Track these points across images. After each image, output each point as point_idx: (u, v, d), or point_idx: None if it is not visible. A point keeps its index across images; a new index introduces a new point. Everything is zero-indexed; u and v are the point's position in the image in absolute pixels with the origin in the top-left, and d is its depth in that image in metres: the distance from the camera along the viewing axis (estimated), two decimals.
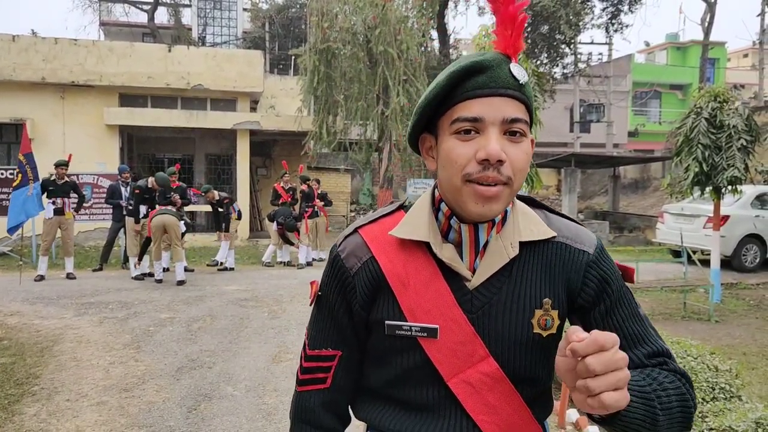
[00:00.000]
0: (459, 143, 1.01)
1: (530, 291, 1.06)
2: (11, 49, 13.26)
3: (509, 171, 0.99)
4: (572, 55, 22.94)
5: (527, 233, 1.08)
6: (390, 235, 1.09)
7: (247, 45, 24.52)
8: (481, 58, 1.01)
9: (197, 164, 16.57)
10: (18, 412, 4.18)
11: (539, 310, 1.06)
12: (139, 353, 5.62)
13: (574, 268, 1.08)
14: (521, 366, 1.06)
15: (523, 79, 1.01)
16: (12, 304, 7.67)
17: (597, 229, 15.45)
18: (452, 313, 1.05)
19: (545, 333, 1.07)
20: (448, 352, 1.05)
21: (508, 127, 1.00)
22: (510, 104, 1.00)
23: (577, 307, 1.09)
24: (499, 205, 1.01)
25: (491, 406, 1.05)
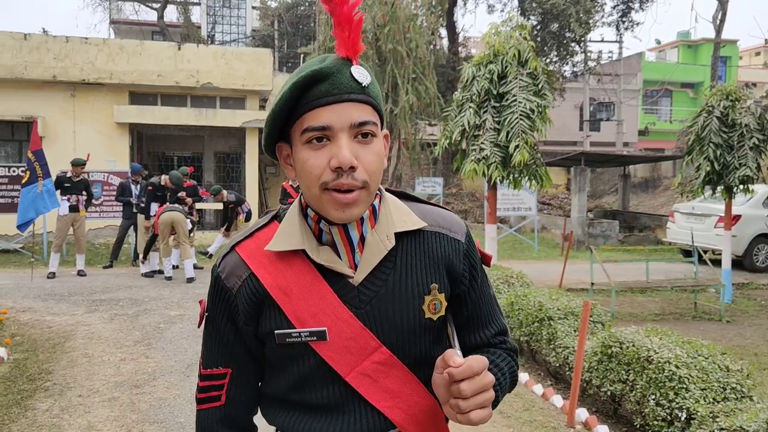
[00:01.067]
0: (312, 153, 1.03)
1: (417, 278, 1.10)
2: (23, 47, 13.36)
3: (363, 175, 1.02)
4: (582, 54, 22.85)
5: (401, 224, 1.11)
6: (267, 250, 1.10)
7: (256, 43, 24.58)
8: (319, 66, 1.02)
9: (206, 162, 16.65)
10: (31, 408, 4.22)
11: (428, 296, 1.10)
12: (149, 350, 5.66)
13: (453, 255, 1.14)
14: (417, 351, 1.11)
15: (365, 81, 1.03)
16: (24, 300, 7.74)
17: (606, 229, 15.40)
18: (338, 312, 1.07)
19: (435, 317, 1.12)
20: (340, 350, 1.07)
21: (358, 131, 1.02)
22: (356, 108, 1.02)
23: (456, 293, 1.16)
24: (359, 209, 1.04)
25: (391, 391, 1.09)
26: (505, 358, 1.21)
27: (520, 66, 7.85)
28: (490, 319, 1.23)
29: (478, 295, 1.20)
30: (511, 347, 1.25)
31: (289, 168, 1.12)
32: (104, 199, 12.22)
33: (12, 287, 8.53)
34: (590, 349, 4.38)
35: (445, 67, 20.02)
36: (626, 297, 8.85)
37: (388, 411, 1.09)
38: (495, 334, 1.23)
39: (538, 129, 7.70)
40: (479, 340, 1.22)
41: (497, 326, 1.24)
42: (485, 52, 8.22)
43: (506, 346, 1.24)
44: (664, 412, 3.55)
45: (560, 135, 27.78)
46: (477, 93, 7.89)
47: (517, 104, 7.60)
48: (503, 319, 1.26)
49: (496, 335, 1.24)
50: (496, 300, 1.26)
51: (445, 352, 1.01)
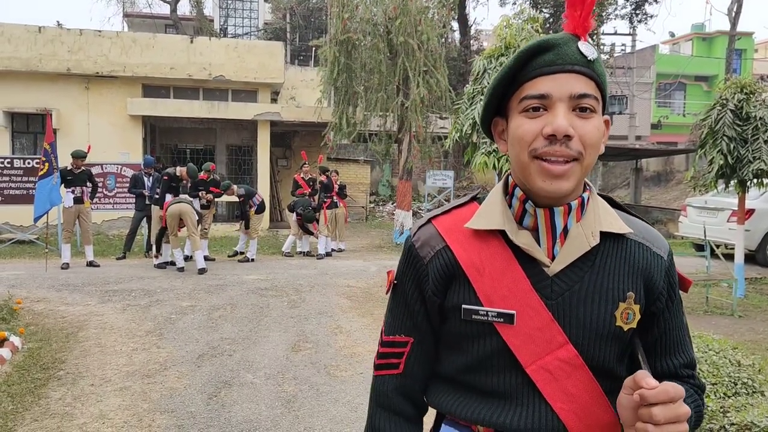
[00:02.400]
0: (526, 120, 1.01)
1: (614, 283, 1.05)
2: (37, 40, 13.46)
3: (579, 146, 0.99)
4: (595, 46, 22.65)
5: (607, 225, 1.07)
6: (465, 227, 1.10)
7: (267, 36, 24.59)
8: (548, 37, 1.02)
9: (218, 155, 16.71)
10: (44, 396, 4.28)
11: (623, 303, 1.05)
12: (161, 340, 5.71)
13: (654, 270, 1.09)
14: (600, 357, 1.05)
15: (591, 56, 1.01)
16: (39, 290, 7.83)
17: None
18: (529, 298, 1.04)
19: (626, 327, 1.05)
20: (525, 338, 1.04)
21: (577, 103, 0.99)
22: (578, 80, 1.00)
23: (651, 310, 1.10)
24: (569, 183, 1.00)
25: (570, 393, 1.04)
26: (692, 395, 1.12)
27: None
28: (681, 348, 1.15)
29: (671, 318, 1.13)
30: (698, 384, 1.15)
31: (502, 143, 1.11)
32: (117, 190, 12.31)
33: (27, 277, 8.63)
34: None
35: (457, 60, 19.94)
36: None
37: (563, 413, 1.03)
38: (683, 365, 1.14)
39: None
40: (666, 368, 1.13)
41: (686, 357, 1.15)
42: (497, 44, 8.18)
43: (694, 382, 1.15)
44: None
45: None
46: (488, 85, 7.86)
47: None
48: (692, 352, 1.17)
49: (684, 366, 1.14)
50: (688, 330, 1.18)
51: (637, 373, 0.94)
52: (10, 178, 11.54)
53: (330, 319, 6.64)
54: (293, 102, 17.37)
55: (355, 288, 8.46)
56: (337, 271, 9.81)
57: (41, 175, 9.44)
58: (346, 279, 9.12)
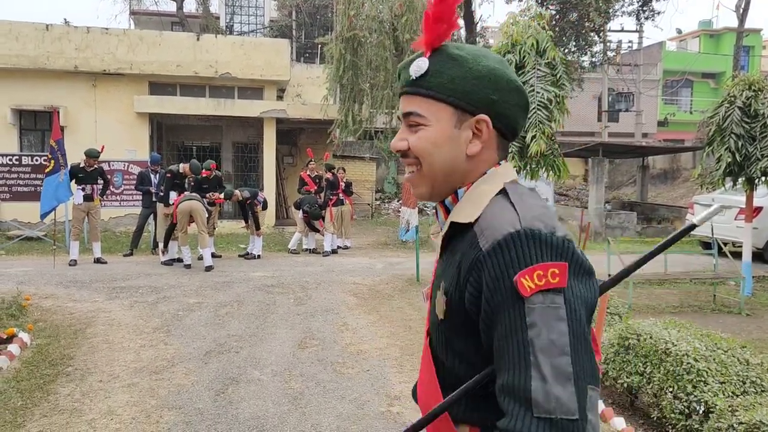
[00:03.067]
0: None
1: (441, 273, 1.10)
2: (45, 38, 13.51)
3: (413, 155, 1.11)
4: (601, 44, 22.54)
5: (456, 215, 1.08)
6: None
7: (273, 33, 24.60)
8: (404, 62, 1.14)
9: (224, 152, 16.74)
10: (53, 392, 4.31)
11: (439, 293, 1.08)
12: (168, 337, 5.74)
13: (465, 262, 0.99)
14: (434, 343, 1.13)
15: (415, 74, 1.09)
16: (47, 287, 7.88)
17: (624, 220, 15.25)
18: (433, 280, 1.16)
19: (440, 316, 1.07)
20: (428, 311, 1.17)
21: (407, 121, 1.12)
22: (406, 100, 1.12)
23: (469, 308, 0.99)
24: (420, 188, 1.13)
25: (424, 368, 1.16)
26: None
27: (538, 56, 7.79)
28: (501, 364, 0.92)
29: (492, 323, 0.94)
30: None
31: None
32: (124, 188, 12.35)
33: (35, 274, 8.68)
34: (607, 340, 4.36)
35: None
36: (644, 289, 8.77)
37: (420, 377, 1.18)
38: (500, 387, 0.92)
39: (555, 119, 7.64)
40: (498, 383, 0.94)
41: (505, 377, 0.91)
42: (503, 41, 8.16)
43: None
44: (681, 405, 3.54)
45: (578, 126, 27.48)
46: None
47: (534, 94, 7.54)
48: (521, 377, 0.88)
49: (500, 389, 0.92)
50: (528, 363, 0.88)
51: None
52: (18, 175, 11.59)
53: (336, 317, 6.65)
54: (299, 99, 17.38)
55: (361, 285, 8.47)
56: (343, 269, 9.83)
57: (48, 172, 9.49)
58: (352, 276, 9.14)
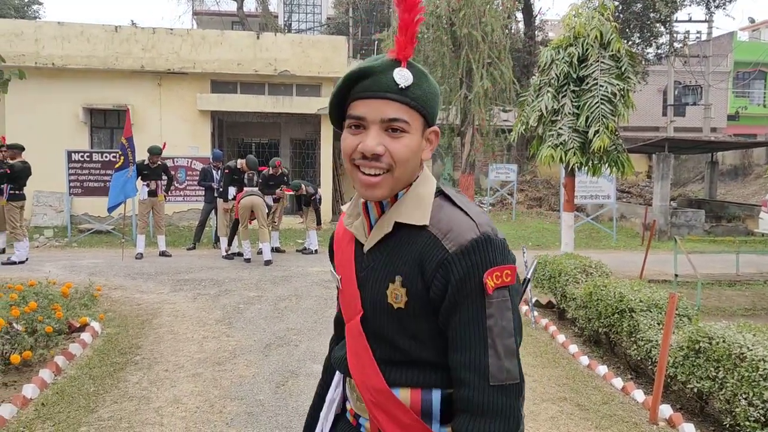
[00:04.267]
0: (349, 135, 1.19)
1: (391, 266, 1.20)
2: (114, 39, 14.07)
3: (389, 160, 1.16)
4: (667, 35, 21.71)
5: (405, 217, 1.20)
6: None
7: (330, 31, 24.83)
8: (368, 65, 1.18)
9: (283, 149, 17.04)
10: (123, 379, 4.49)
11: (392, 285, 1.19)
12: (230, 329, 5.88)
13: (428, 260, 1.16)
14: (378, 326, 1.23)
15: (404, 83, 1.15)
16: (116, 278, 8.21)
17: (691, 218, 14.67)
18: (349, 269, 1.28)
19: (395, 305, 1.19)
20: (345, 301, 1.30)
21: (388, 125, 1.16)
22: (390, 106, 1.15)
23: (431, 297, 1.16)
24: (381, 191, 1.18)
25: (355, 352, 1.26)
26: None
27: (601, 48, 7.57)
28: (464, 346, 1.13)
29: (455, 312, 1.13)
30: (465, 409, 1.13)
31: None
32: (187, 183, 12.73)
33: (105, 266, 9.07)
34: (675, 343, 4.20)
35: (521, 51, 19.54)
36: (713, 290, 8.42)
37: (351, 364, 1.28)
38: (463, 365, 1.13)
39: (620, 114, 7.41)
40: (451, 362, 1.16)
41: (468, 357, 1.12)
42: (565, 34, 7.96)
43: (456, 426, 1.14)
44: (757, 413, 3.37)
45: (641, 120, 26.57)
46: (555, 77, 7.67)
47: (597, 88, 7.33)
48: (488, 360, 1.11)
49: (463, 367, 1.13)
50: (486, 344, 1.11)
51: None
52: (89, 171, 12.10)
53: None
54: None
55: None
56: None
57: (117, 168, 9.87)
58: None
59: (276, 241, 10.95)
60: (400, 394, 1.21)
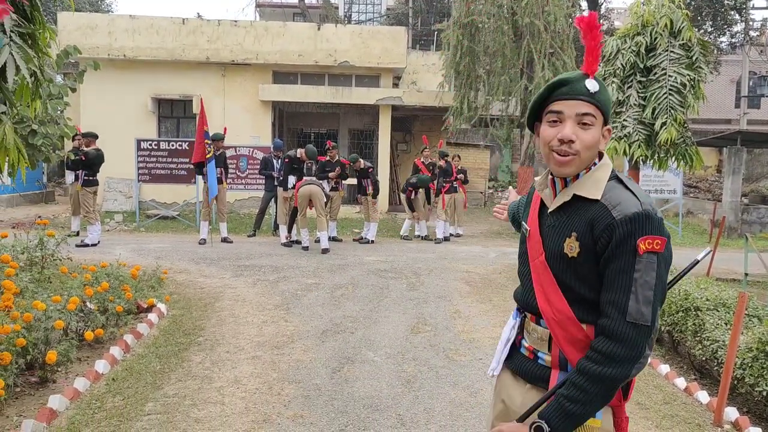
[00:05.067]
0: (549, 127, 1.64)
1: (569, 226, 1.62)
2: (181, 31, 14.52)
3: (578, 146, 1.59)
4: (742, 22, 20.67)
5: (583, 191, 1.62)
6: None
7: (390, 22, 24.81)
8: (565, 76, 1.63)
9: (341, 139, 17.21)
10: (186, 359, 4.67)
11: (569, 239, 1.61)
12: (288, 314, 6.02)
13: (598, 222, 1.55)
14: (558, 269, 1.64)
15: (594, 89, 1.60)
16: (181, 262, 8.52)
17: (764, 215, 13.98)
18: (534, 221, 1.74)
19: (569, 255, 1.60)
20: (531, 244, 1.73)
21: (580, 119, 1.59)
22: (582, 104, 1.59)
23: (596, 250, 1.56)
24: (570, 169, 1.62)
25: (541, 283, 1.67)
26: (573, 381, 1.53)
27: (671, 37, 7.30)
28: (613, 288, 1.52)
29: (613, 263, 1.52)
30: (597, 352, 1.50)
31: (537, 138, 1.71)
32: (249, 172, 13.05)
33: (170, 250, 9.42)
34: (744, 344, 4.04)
35: None
36: None
37: (536, 291, 1.68)
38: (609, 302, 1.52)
39: (689, 105, 7.14)
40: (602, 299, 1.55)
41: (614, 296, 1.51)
42: (632, 23, 7.71)
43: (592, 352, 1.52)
44: None
45: (712, 112, 25.41)
46: (621, 67, 7.46)
47: (666, 78, 7.09)
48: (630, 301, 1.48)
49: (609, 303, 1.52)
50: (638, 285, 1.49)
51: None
52: (157, 159, 12.57)
53: (449, 303, 6.66)
54: (414, 87, 17.45)
55: (473, 274, 8.42)
56: (455, 256, 9.81)
57: (209, 158, 9.96)
58: (464, 264, 9.10)
59: (333, 230, 11.11)
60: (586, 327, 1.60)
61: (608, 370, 1.47)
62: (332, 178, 10.53)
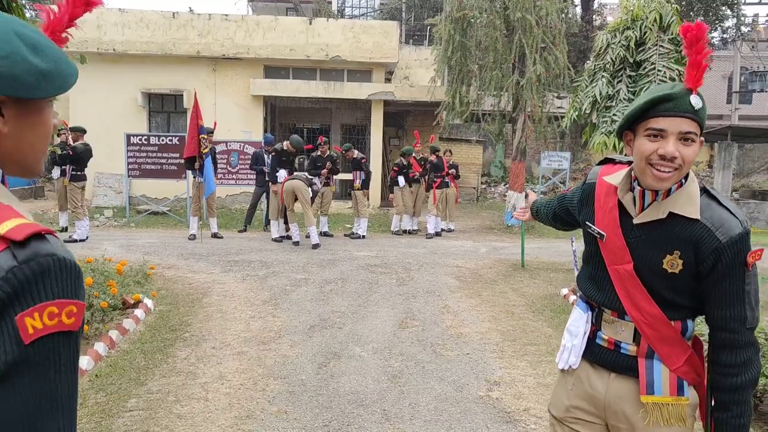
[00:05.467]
0: (647, 141, 1.61)
1: (669, 243, 1.65)
2: (171, 25, 14.42)
3: (680, 161, 1.58)
4: (734, 18, 20.70)
5: (679, 209, 1.64)
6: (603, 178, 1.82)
7: (383, 16, 24.73)
8: (669, 91, 1.58)
9: (333, 134, 17.14)
10: (172, 355, 4.64)
11: (670, 256, 1.65)
12: (276, 310, 5.99)
13: (704, 245, 1.60)
14: (651, 281, 1.68)
15: (697, 106, 1.58)
16: (169, 258, 8.48)
17: (755, 210, 14.05)
18: (615, 229, 1.73)
19: (670, 270, 1.65)
20: (609, 249, 1.75)
21: (683, 136, 1.58)
22: (686, 122, 1.57)
23: (699, 270, 1.63)
24: (669, 183, 1.61)
25: (626, 288, 1.72)
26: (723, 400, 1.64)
27: (661, 31, 7.27)
28: (727, 303, 1.62)
29: (720, 281, 1.61)
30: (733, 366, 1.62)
31: (629, 148, 1.71)
32: (240, 167, 12.99)
33: (159, 246, 9.38)
34: None
35: (577, 36, 19.02)
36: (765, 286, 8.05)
37: (621, 295, 1.73)
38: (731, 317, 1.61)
39: None
40: (715, 316, 1.64)
41: (734, 312, 1.61)
42: (622, 17, 7.69)
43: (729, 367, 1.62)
44: None
45: None
46: (611, 61, 7.43)
47: (655, 73, 7.07)
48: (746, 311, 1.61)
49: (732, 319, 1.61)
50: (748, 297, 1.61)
51: None
52: (147, 154, 12.49)
53: (438, 299, 6.65)
54: (407, 82, 17.41)
55: (463, 269, 8.41)
56: (446, 251, 9.80)
57: (206, 153, 9.81)
58: (455, 259, 9.09)
59: (325, 225, 11.08)
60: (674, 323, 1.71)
61: (750, 374, 1.63)
62: (323, 173, 10.49)
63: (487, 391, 4.11)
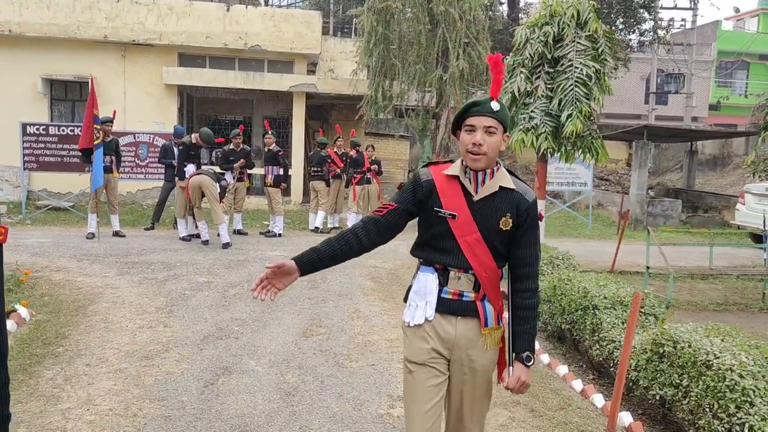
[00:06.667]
0: (466, 134, 2.18)
1: (501, 209, 2.21)
2: (75, 6, 13.38)
3: (485, 148, 2.15)
4: (651, 21, 21.37)
5: (505, 183, 2.22)
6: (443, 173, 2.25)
7: (311, 7, 24.10)
8: (479, 99, 2.19)
9: (255, 126, 16.49)
10: (36, 374, 4.06)
11: (504, 218, 2.20)
12: (169, 318, 5.47)
13: (521, 206, 2.22)
14: (491, 239, 2.21)
15: (497, 108, 2.16)
16: (60, 259, 7.73)
17: (668, 208, 14.45)
18: (463, 207, 2.19)
19: (504, 229, 2.21)
20: (459, 225, 2.19)
21: (486, 129, 2.15)
22: (489, 119, 2.15)
23: (517, 223, 2.23)
24: (481, 164, 2.17)
25: (475, 252, 2.20)
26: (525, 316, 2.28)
27: (578, 28, 7.18)
28: (527, 245, 2.26)
29: (526, 231, 2.24)
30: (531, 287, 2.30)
31: (458, 140, 2.23)
32: (149, 160, 12.18)
33: (51, 246, 8.56)
34: (639, 345, 3.88)
35: (503, 33, 19.09)
36: (686, 283, 8.17)
37: (470, 259, 2.19)
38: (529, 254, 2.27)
39: (595, 98, 7.04)
40: (519, 255, 2.27)
41: (530, 251, 2.27)
42: (541, 13, 7.57)
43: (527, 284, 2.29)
44: (722, 427, 3.05)
45: (624, 108, 26.34)
46: (530, 57, 7.28)
47: (572, 69, 6.96)
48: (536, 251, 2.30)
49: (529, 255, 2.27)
50: (538, 242, 2.31)
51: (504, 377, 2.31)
52: (45, 145, 11.51)
53: (349, 302, 6.29)
54: (332, 74, 16.94)
55: (380, 269, 8.10)
56: None
57: (97, 144, 9.02)
58: (372, 259, 8.74)
59: (239, 223, 10.52)
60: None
61: (539, 297, 2.46)
62: (237, 168, 9.93)
63: (389, 408, 3.78)
